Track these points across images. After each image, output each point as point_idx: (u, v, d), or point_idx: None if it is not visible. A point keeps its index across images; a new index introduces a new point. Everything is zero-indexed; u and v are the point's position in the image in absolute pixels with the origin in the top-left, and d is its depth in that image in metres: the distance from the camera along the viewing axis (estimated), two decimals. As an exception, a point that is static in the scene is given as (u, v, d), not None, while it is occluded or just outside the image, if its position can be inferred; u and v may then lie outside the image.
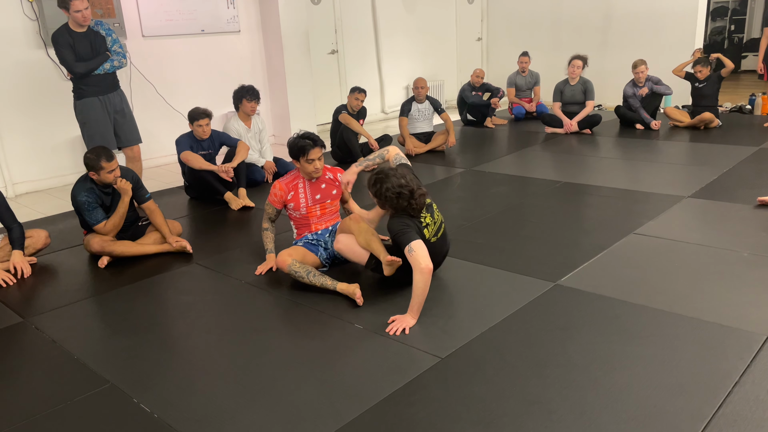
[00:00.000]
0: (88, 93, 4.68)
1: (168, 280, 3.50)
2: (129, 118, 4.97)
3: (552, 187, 4.90)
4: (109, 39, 4.70)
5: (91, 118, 4.72)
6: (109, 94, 4.77)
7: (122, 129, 4.91)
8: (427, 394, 2.26)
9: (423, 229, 2.95)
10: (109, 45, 4.70)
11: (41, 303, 3.28)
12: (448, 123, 6.37)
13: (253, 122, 5.53)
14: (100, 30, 4.67)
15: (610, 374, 2.32)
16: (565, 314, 2.80)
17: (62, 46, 4.50)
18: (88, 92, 4.68)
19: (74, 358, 2.66)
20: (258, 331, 2.82)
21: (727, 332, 2.57)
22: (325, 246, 3.46)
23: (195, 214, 4.78)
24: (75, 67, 4.55)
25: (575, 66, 6.98)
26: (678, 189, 4.62)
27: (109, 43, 4.70)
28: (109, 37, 4.70)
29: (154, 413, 2.24)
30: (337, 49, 8.34)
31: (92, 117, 4.71)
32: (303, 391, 2.33)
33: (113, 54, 4.71)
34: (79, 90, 4.69)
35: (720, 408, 2.08)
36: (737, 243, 3.52)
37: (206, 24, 6.67)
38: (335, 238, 3.29)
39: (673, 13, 8.23)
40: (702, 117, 6.74)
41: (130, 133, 4.98)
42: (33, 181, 5.66)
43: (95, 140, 4.68)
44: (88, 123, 4.73)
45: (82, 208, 3.69)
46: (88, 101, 4.70)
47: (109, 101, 4.78)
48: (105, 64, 4.65)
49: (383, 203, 2.93)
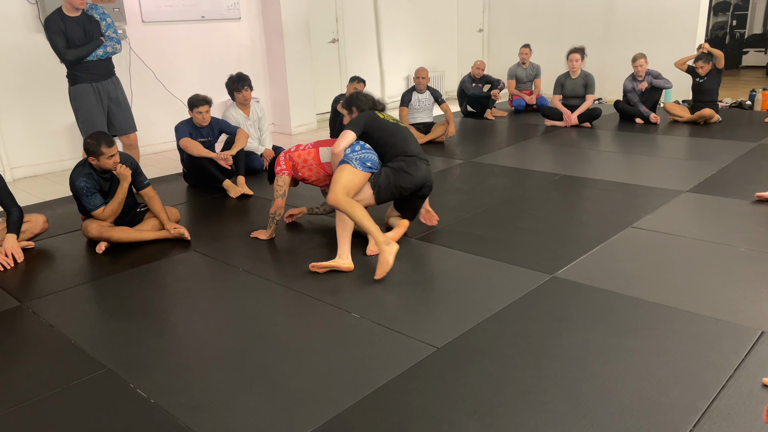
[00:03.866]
0: (81, 79, 4.62)
1: (165, 266, 3.50)
2: (124, 106, 4.91)
3: (551, 180, 4.90)
4: (103, 24, 4.61)
5: (83, 105, 4.67)
6: (103, 81, 4.71)
7: (116, 117, 4.86)
8: (423, 384, 2.27)
9: (378, 113, 3.68)
10: (103, 30, 4.61)
11: (38, 287, 3.28)
12: (448, 114, 6.36)
13: (252, 110, 5.51)
14: (95, 14, 4.59)
15: (605, 366, 2.33)
16: (562, 306, 2.81)
17: (53, 32, 4.42)
18: (81, 78, 4.62)
19: (71, 343, 2.67)
20: (255, 319, 2.83)
21: (722, 326, 2.58)
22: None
23: (193, 202, 4.78)
24: (65, 54, 4.47)
25: (573, 60, 6.97)
26: (676, 183, 4.62)
27: (103, 27, 4.61)
28: (103, 21, 4.61)
29: (150, 398, 2.25)
30: (337, 38, 8.30)
31: (84, 104, 4.66)
32: (299, 378, 2.33)
33: (107, 39, 4.62)
34: (73, 76, 4.64)
35: (714, 401, 2.10)
36: (734, 238, 3.53)
37: (206, 10, 6.63)
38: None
39: (675, 8, 8.20)
40: (702, 113, 6.73)
41: (125, 121, 4.93)
42: (31, 166, 5.65)
43: (87, 127, 4.66)
44: (81, 110, 4.69)
45: (80, 194, 3.68)
46: (81, 87, 4.64)
47: (102, 88, 4.72)
48: (98, 51, 4.57)
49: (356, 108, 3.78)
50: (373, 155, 3.51)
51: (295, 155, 3.80)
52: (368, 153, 3.50)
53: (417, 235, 3.78)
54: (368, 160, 3.46)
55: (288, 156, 3.82)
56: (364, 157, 3.45)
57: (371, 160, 3.48)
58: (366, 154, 3.48)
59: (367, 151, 3.50)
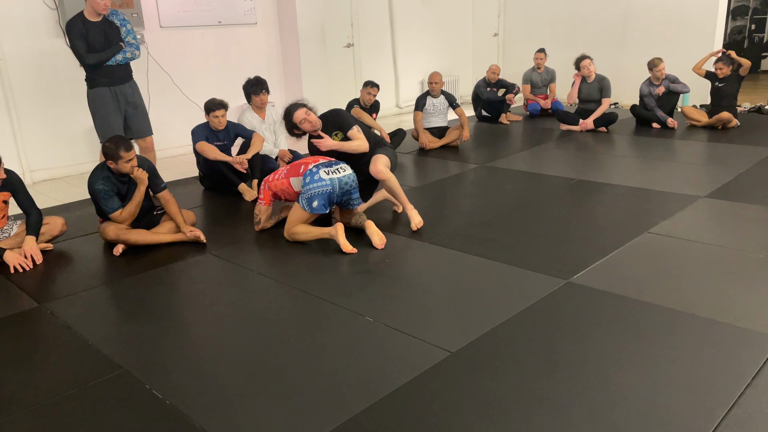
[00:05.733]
0: (99, 83, 4.69)
1: (181, 269, 3.53)
2: (141, 110, 4.96)
3: (566, 185, 4.87)
4: (123, 29, 4.68)
5: (100, 109, 4.73)
6: (121, 86, 4.77)
7: (133, 121, 4.91)
8: (437, 388, 2.26)
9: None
10: (123, 35, 4.68)
11: (56, 289, 3.33)
12: (462, 118, 6.35)
13: (267, 114, 5.55)
14: (115, 20, 4.65)
15: (620, 373, 2.31)
16: (577, 312, 2.79)
17: (75, 36, 4.50)
18: (99, 82, 4.68)
19: (88, 344, 2.70)
20: (269, 321, 2.84)
21: (740, 333, 2.55)
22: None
23: (209, 205, 4.81)
24: (86, 58, 4.54)
25: (585, 66, 6.96)
26: (694, 189, 4.58)
27: (123, 33, 4.68)
28: (123, 27, 4.68)
29: (166, 399, 2.27)
30: (352, 43, 8.33)
31: (102, 107, 4.72)
32: (313, 381, 2.34)
33: (127, 45, 4.69)
34: (92, 80, 4.70)
35: (731, 409, 2.07)
36: (753, 244, 3.49)
37: (223, 16, 6.69)
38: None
39: (692, 12, 8.14)
40: (720, 117, 6.66)
41: (142, 124, 4.98)
42: (50, 169, 5.73)
43: (103, 130, 4.72)
44: (98, 113, 4.75)
45: (98, 196, 3.72)
46: (100, 91, 4.70)
47: (120, 92, 4.77)
48: (117, 56, 4.64)
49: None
50: (322, 189, 3.69)
51: (273, 185, 3.96)
52: (318, 188, 3.68)
53: (431, 239, 3.78)
54: (315, 198, 3.68)
55: (267, 186, 3.98)
56: (312, 196, 3.69)
57: (318, 197, 3.68)
58: (315, 190, 3.68)
59: (318, 186, 3.68)
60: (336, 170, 3.76)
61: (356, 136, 4.09)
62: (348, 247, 3.61)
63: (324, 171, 3.72)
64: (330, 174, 3.72)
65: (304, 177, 3.73)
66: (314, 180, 3.69)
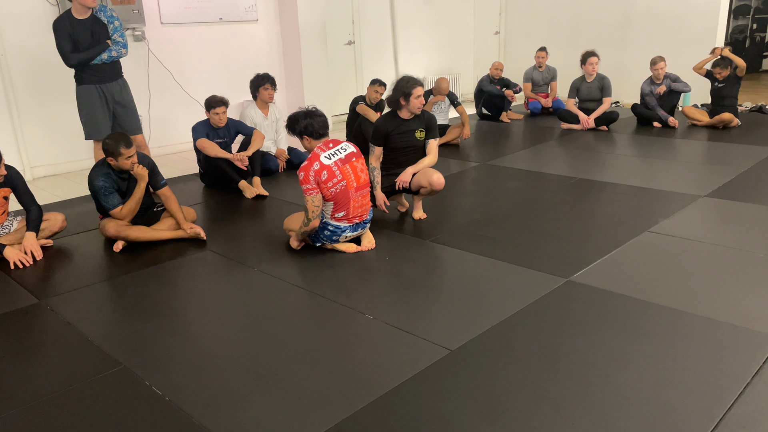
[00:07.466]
0: (86, 80, 4.67)
1: (181, 265, 3.53)
2: (130, 108, 4.92)
3: (567, 184, 4.87)
4: (110, 27, 4.63)
5: (86, 106, 4.72)
6: (108, 84, 4.73)
7: (122, 119, 4.88)
8: (436, 386, 2.26)
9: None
10: (111, 33, 4.63)
11: (57, 285, 3.33)
12: (463, 116, 6.34)
13: (270, 111, 5.55)
14: (102, 17, 4.60)
15: (620, 371, 2.31)
16: (577, 310, 2.79)
17: (60, 35, 4.46)
18: (87, 80, 4.66)
19: (88, 340, 2.70)
20: (269, 318, 2.84)
21: (739, 333, 2.55)
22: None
23: (209, 202, 4.81)
24: (69, 58, 4.51)
25: (593, 63, 6.93)
26: (694, 188, 4.58)
27: (110, 31, 4.63)
28: (111, 24, 4.63)
29: (165, 396, 2.27)
30: (354, 41, 8.32)
31: (87, 105, 4.71)
32: (313, 378, 2.34)
33: (113, 43, 4.63)
34: (79, 77, 4.68)
35: (731, 408, 2.07)
36: (753, 244, 3.49)
37: (224, 12, 6.68)
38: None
39: (693, 11, 8.12)
40: (721, 117, 6.66)
41: (130, 123, 4.94)
42: (51, 165, 5.73)
43: (89, 127, 4.72)
44: (84, 110, 4.74)
45: (98, 193, 3.72)
46: (86, 88, 4.68)
47: (108, 90, 4.73)
48: (103, 54, 4.59)
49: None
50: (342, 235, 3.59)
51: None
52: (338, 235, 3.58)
53: (431, 237, 3.78)
54: (334, 235, 3.57)
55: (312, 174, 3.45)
56: (332, 234, 3.57)
57: (337, 236, 3.57)
58: (336, 236, 3.58)
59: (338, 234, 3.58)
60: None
61: (434, 147, 4.11)
62: (348, 247, 3.60)
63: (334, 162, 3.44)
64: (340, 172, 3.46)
65: (327, 227, 3.56)
66: (336, 231, 3.58)
